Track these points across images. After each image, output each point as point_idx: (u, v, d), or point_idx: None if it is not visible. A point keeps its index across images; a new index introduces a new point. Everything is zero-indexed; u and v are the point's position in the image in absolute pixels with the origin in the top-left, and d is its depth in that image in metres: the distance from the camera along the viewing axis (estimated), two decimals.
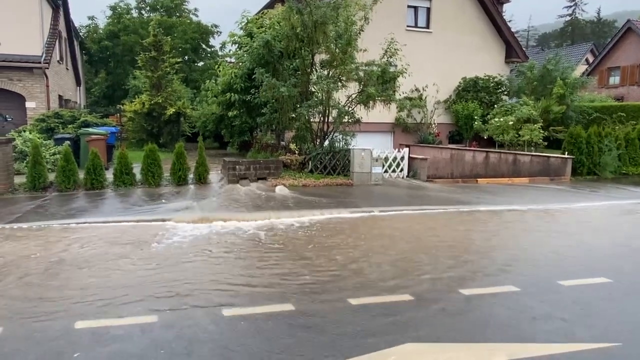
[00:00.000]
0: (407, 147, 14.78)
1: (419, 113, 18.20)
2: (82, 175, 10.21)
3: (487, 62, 19.31)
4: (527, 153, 15.07)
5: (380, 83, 12.98)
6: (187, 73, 29.71)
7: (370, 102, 12.87)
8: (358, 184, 11.86)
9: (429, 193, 11.28)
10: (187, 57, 31.58)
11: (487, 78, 18.83)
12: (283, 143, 15.06)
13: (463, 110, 18.07)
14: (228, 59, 18.72)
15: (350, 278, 5.09)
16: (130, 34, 29.74)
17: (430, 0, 18.39)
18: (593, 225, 8.33)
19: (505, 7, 23.61)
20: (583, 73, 29.15)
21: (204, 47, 33.75)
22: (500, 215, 8.87)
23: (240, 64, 15.13)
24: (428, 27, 18.56)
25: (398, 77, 13.29)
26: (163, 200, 9.18)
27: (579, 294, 4.73)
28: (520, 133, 16.23)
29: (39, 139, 11.74)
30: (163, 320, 3.90)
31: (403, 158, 13.70)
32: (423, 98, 18.12)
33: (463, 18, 18.89)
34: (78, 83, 24.97)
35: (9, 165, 9.98)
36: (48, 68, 16.07)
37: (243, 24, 15.79)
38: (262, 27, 15.03)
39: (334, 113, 12.91)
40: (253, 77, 13.18)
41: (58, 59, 18.75)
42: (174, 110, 19.69)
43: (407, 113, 17.63)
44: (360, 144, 13.00)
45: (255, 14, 16.72)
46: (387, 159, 13.41)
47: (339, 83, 12.81)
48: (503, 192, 11.77)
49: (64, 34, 20.65)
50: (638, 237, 7.43)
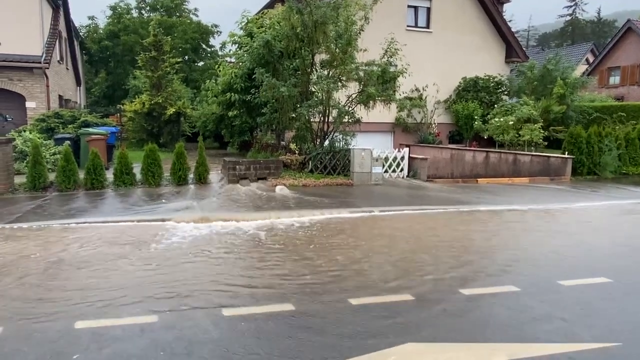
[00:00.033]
0: (407, 147, 14.78)
1: (419, 113, 18.20)
2: (82, 175, 10.22)
3: (487, 62, 19.31)
4: (527, 153, 15.07)
5: (381, 83, 12.98)
6: (187, 73, 29.72)
7: (371, 102, 12.88)
8: (358, 184, 11.86)
9: (429, 193, 11.28)
10: (187, 57, 31.60)
11: (487, 78, 18.83)
12: (283, 143, 15.06)
13: (463, 110, 18.07)
14: (228, 59, 18.72)
15: (351, 278, 5.09)
16: (131, 34, 29.76)
17: (431, 0, 18.39)
18: (593, 225, 8.33)
19: (506, 7, 23.61)
20: (583, 73, 29.16)
21: (204, 47, 33.77)
22: (501, 215, 8.87)
23: (241, 64, 15.13)
24: (428, 27, 18.56)
25: (398, 77, 13.30)
26: (163, 200, 9.19)
27: (579, 294, 4.73)
28: (521, 133, 16.23)
29: (39, 139, 11.75)
30: (163, 321, 3.90)
31: (403, 158, 13.70)
32: (423, 98, 18.11)
33: (463, 18, 18.89)
34: (78, 83, 24.97)
35: (9, 165, 9.99)
36: (48, 68, 16.07)
37: (243, 24, 15.80)
38: (262, 27, 15.03)
39: (334, 113, 12.92)
40: (253, 77, 13.18)
41: (58, 59, 18.76)
42: (174, 110, 19.70)
43: (407, 113, 17.63)
44: (361, 144, 13.00)
45: (256, 14, 16.72)
46: (387, 159, 13.41)
47: (339, 83, 12.81)
48: (503, 192, 11.77)
49: (64, 34, 20.66)
50: (638, 236, 7.44)
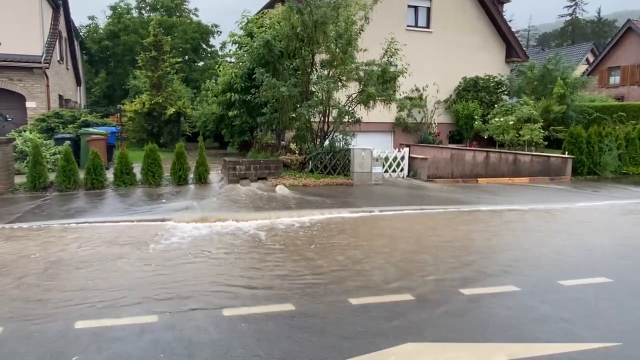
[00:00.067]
0: (407, 146, 14.78)
1: (419, 113, 18.19)
2: (82, 175, 10.22)
3: (487, 61, 19.30)
4: (527, 153, 15.06)
5: (381, 83, 12.98)
6: (187, 73, 29.72)
7: (371, 101, 12.87)
8: (358, 184, 11.86)
9: (430, 193, 11.28)
10: (187, 57, 31.60)
11: (487, 78, 18.82)
12: (283, 143, 15.06)
13: (463, 110, 18.06)
14: (228, 59, 18.71)
15: (351, 278, 5.09)
16: (131, 34, 29.75)
17: (431, 0, 18.38)
18: (594, 225, 8.32)
19: (506, 6, 23.59)
20: (583, 73, 29.14)
21: (204, 47, 33.77)
22: (501, 215, 8.86)
23: (241, 64, 15.13)
24: (428, 26, 18.55)
25: (398, 76, 13.30)
26: (163, 200, 9.18)
27: (580, 294, 4.73)
28: (521, 133, 16.23)
29: (39, 139, 11.75)
30: (163, 322, 3.90)
31: (403, 158, 13.70)
32: (423, 98, 18.10)
33: (463, 18, 18.88)
34: (78, 83, 24.97)
35: (10, 165, 9.99)
36: (48, 68, 16.07)
37: (243, 24, 15.79)
38: (262, 27, 15.02)
39: (334, 113, 12.91)
40: (253, 77, 13.18)
41: (58, 59, 18.76)
42: (174, 110, 19.70)
43: (407, 113, 17.62)
44: (361, 144, 12.99)
45: (256, 14, 16.71)
46: (387, 159, 13.41)
47: (339, 83, 12.80)
48: (503, 192, 11.77)
49: (64, 34, 20.66)
50: (638, 236, 7.43)
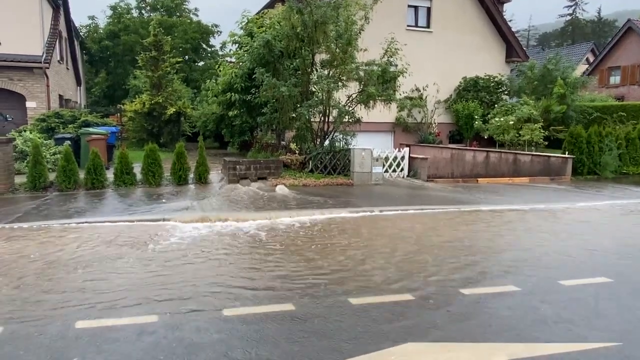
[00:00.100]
0: (407, 146, 14.78)
1: (420, 113, 18.19)
2: (82, 175, 10.22)
3: (487, 61, 19.30)
4: (527, 153, 15.06)
5: (381, 83, 12.98)
6: (187, 73, 29.72)
7: (371, 101, 12.88)
8: (358, 184, 11.86)
9: (430, 193, 11.28)
10: (187, 56, 31.60)
11: (487, 78, 18.81)
12: (283, 143, 15.06)
13: (463, 110, 18.05)
14: (228, 59, 18.72)
15: (352, 278, 5.08)
16: (131, 34, 29.76)
17: (431, 0, 18.38)
18: (594, 225, 8.32)
19: (506, 6, 23.60)
20: (583, 73, 29.15)
21: (205, 46, 33.77)
22: (502, 215, 8.86)
23: (241, 64, 15.13)
24: (428, 26, 18.54)
25: (398, 76, 13.30)
26: (163, 200, 9.18)
27: (580, 294, 4.73)
28: (521, 133, 16.23)
29: (40, 139, 11.75)
30: (163, 323, 3.88)
31: (403, 158, 13.70)
32: (423, 98, 18.09)
33: (463, 18, 18.88)
34: (78, 83, 24.98)
35: (10, 165, 9.99)
36: (48, 68, 16.07)
37: (243, 24, 15.80)
38: (262, 26, 15.03)
39: (335, 113, 12.92)
40: (253, 76, 13.18)
41: (58, 59, 18.76)
42: (175, 110, 19.71)
43: (407, 113, 17.61)
44: (361, 144, 12.99)
45: (256, 14, 16.72)
46: (387, 159, 13.41)
47: (340, 83, 12.80)
48: (504, 191, 11.77)
49: (64, 34, 20.66)
50: (638, 236, 7.43)
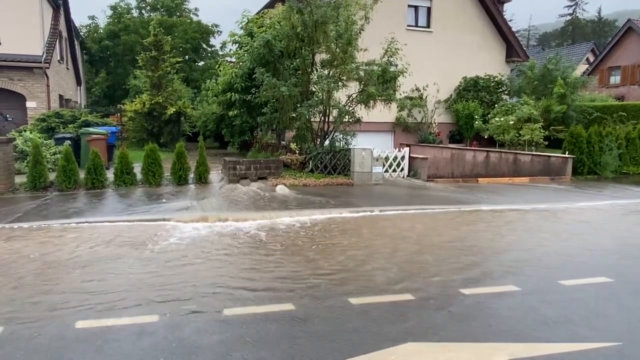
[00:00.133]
0: (407, 146, 14.77)
1: (420, 112, 18.19)
2: (82, 175, 10.22)
3: (487, 61, 19.30)
4: (527, 153, 15.06)
5: (381, 82, 12.98)
6: (187, 73, 29.73)
7: (371, 101, 12.88)
8: (358, 184, 11.86)
9: (430, 192, 11.28)
10: (187, 56, 31.60)
11: (487, 77, 18.81)
12: (283, 143, 15.06)
13: (464, 110, 18.05)
14: (228, 59, 18.70)
15: (352, 278, 5.08)
16: (131, 34, 29.76)
17: (431, 0, 18.38)
18: (594, 225, 8.31)
19: (506, 6, 23.58)
20: (584, 72, 29.14)
21: (205, 46, 33.79)
22: (502, 215, 8.86)
23: (241, 64, 15.12)
24: (429, 26, 18.54)
25: (398, 76, 13.30)
26: (163, 200, 9.18)
27: (580, 294, 4.73)
28: (521, 133, 16.23)
29: (40, 139, 11.75)
30: (163, 324, 3.87)
31: (403, 158, 13.70)
32: (423, 97, 18.09)
33: (464, 17, 18.87)
34: (78, 83, 24.97)
35: (10, 165, 9.99)
36: (49, 68, 16.07)
37: (243, 24, 15.79)
38: (262, 26, 15.02)
39: (335, 112, 12.92)
40: (253, 76, 13.18)
41: (58, 59, 18.76)
42: (175, 110, 19.71)
43: (407, 112, 17.61)
44: (361, 144, 13.00)
45: (256, 14, 16.71)
46: (387, 159, 13.41)
47: (340, 82, 12.80)
48: (504, 191, 11.77)
49: (65, 34, 20.66)
50: (639, 236, 7.42)
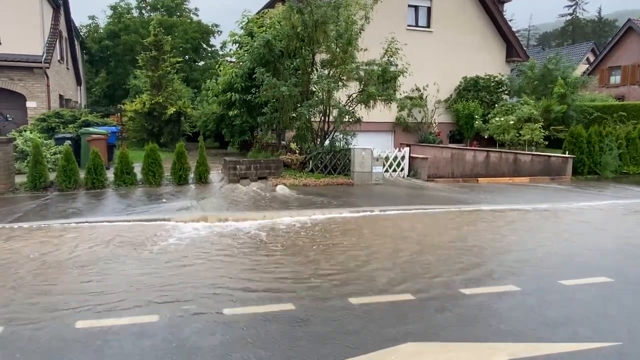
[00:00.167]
0: (407, 146, 14.76)
1: (420, 112, 18.18)
2: (82, 175, 10.22)
3: (487, 61, 19.29)
4: (527, 152, 15.06)
5: (381, 82, 12.98)
6: (187, 73, 29.72)
7: (371, 101, 12.88)
8: (359, 184, 11.86)
9: (430, 192, 11.28)
10: (187, 56, 31.60)
11: (487, 77, 18.81)
12: (284, 142, 15.06)
13: (464, 110, 18.05)
14: (229, 59, 18.70)
15: (352, 278, 5.08)
16: (131, 34, 29.76)
17: (431, 0, 18.38)
18: (595, 225, 8.31)
19: (506, 6, 23.57)
20: (584, 72, 29.13)
21: (205, 46, 33.78)
22: (502, 215, 8.86)
23: (241, 64, 15.12)
24: (429, 26, 18.54)
25: (399, 76, 13.30)
26: (164, 200, 9.18)
27: (581, 294, 4.73)
28: (521, 132, 16.23)
29: (40, 139, 11.74)
30: (163, 325, 3.87)
31: (404, 157, 13.70)
32: (424, 97, 18.08)
33: (464, 17, 18.87)
34: (79, 82, 24.98)
35: (10, 165, 9.99)
36: (49, 68, 16.07)
37: (243, 24, 15.79)
38: (262, 26, 15.02)
39: (335, 112, 12.92)
40: (254, 76, 13.18)
41: (59, 59, 18.76)
42: (175, 110, 19.70)
43: (407, 112, 17.61)
44: (361, 144, 13.00)
45: (256, 14, 16.71)
46: (387, 159, 13.41)
47: (340, 82, 12.80)
48: (504, 191, 11.77)
49: (65, 34, 20.65)
50: (639, 236, 7.42)
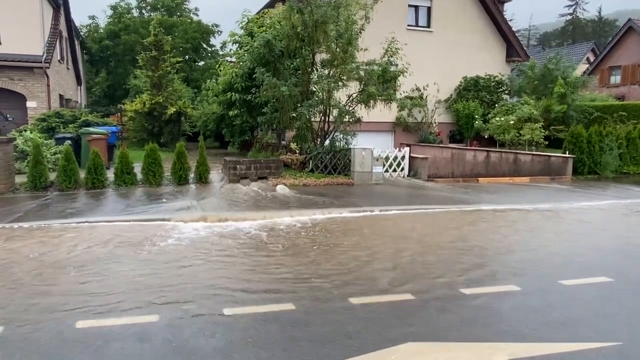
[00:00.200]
0: (407, 146, 14.76)
1: (420, 112, 18.17)
2: (83, 175, 10.22)
3: (488, 61, 19.28)
4: (528, 152, 15.06)
5: (381, 82, 12.98)
6: (187, 72, 29.72)
7: (371, 101, 12.88)
8: (359, 184, 11.86)
9: (430, 192, 11.28)
10: (187, 56, 31.59)
11: (488, 77, 18.80)
12: (284, 142, 15.06)
13: (464, 110, 18.04)
14: (229, 59, 18.70)
15: (352, 278, 5.08)
16: (131, 34, 29.76)
17: (431, 0, 18.37)
18: (595, 225, 8.31)
19: (506, 6, 23.56)
20: (584, 72, 29.11)
21: (205, 46, 33.78)
22: (503, 215, 8.86)
23: (241, 64, 15.12)
24: (429, 26, 18.53)
25: (399, 76, 13.30)
26: (164, 200, 9.18)
27: (581, 294, 4.73)
28: (521, 132, 16.22)
29: (40, 139, 11.74)
30: (163, 325, 3.86)
31: (404, 157, 13.70)
32: (424, 97, 18.07)
33: (464, 17, 18.86)
34: (79, 82, 24.98)
35: (10, 165, 10.00)
36: (49, 68, 16.07)
37: (244, 24, 15.79)
38: (262, 26, 15.02)
39: (335, 112, 12.92)
40: (254, 76, 13.18)
41: (59, 59, 18.76)
42: (175, 110, 19.70)
43: (407, 112, 17.59)
44: (361, 144, 12.99)
45: (256, 14, 16.71)
46: (387, 159, 13.42)
47: (340, 82, 12.79)
48: (504, 191, 11.77)
49: (65, 34, 20.65)
50: (639, 236, 7.42)
